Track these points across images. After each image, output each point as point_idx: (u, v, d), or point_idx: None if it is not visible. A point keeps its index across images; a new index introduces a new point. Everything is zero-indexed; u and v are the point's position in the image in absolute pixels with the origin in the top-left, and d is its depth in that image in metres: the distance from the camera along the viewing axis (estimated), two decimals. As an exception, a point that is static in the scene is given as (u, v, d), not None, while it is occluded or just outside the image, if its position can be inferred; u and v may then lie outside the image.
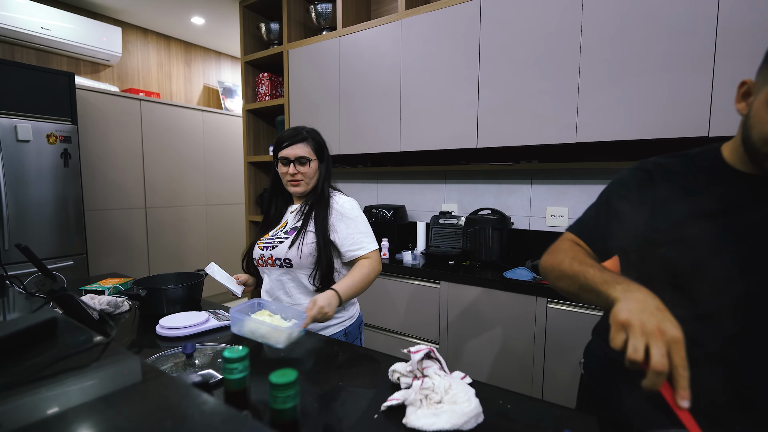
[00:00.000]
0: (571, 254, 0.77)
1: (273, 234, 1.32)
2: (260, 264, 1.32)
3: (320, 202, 1.28)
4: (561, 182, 2.08)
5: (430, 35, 2.07)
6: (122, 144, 3.26)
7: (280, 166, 1.29)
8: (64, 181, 2.66)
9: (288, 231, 1.28)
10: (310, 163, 1.27)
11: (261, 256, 1.30)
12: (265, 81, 2.91)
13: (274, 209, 1.39)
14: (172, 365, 0.88)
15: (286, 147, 1.26)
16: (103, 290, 1.48)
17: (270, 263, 1.28)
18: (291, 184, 1.28)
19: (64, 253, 2.67)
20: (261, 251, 1.30)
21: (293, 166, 1.26)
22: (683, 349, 0.52)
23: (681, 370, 0.51)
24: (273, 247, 1.27)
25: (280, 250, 1.25)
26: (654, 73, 1.54)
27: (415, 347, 0.83)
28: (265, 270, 1.33)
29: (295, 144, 1.27)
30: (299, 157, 1.26)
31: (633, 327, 0.53)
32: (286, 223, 1.33)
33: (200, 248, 3.87)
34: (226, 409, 0.44)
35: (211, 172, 3.94)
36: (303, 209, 1.30)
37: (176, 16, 3.49)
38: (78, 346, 0.61)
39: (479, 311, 1.85)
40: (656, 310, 0.55)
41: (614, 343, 0.55)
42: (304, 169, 1.27)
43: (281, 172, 1.29)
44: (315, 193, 1.31)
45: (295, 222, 1.29)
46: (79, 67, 3.33)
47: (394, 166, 2.59)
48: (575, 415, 0.77)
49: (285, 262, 1.24)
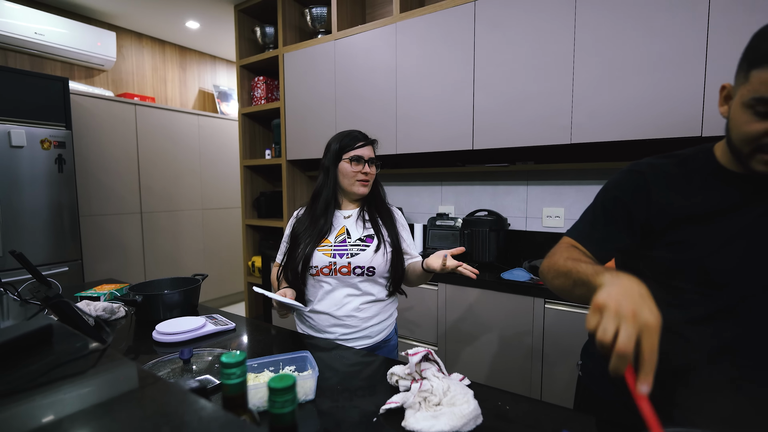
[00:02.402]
0: (566, 254, 0.77)
1: (338, 240, 1.25)
2: (323, 273, 1.22)
3: (383, 210, 1.33)
4: (557, 183, 2.10)
5: (425, 38, 2.08)
6: (117, 149, 3.25)
7: (350, 165, 1.25)
8: (59, 187, 2.64)
9: (363, 239, 1.26)
10: (377, 167, 1.31)
11: (330, 264, 1.22)
12: (260, 84, 2.91)
13: (331, 213, 1.29)
14: (169, 371, 0.87)
15: (360, 147, 1.27)
16: (98, 296, 1.47)
17: (345, 271, 1.22)
18: (361, 184, 1.27)
19: (59, 260, 2.65)
20: (330, 259, 1.22)
21: (367, 165, 1.27)
22: (655, 336, 0.51)
23: (648, 355, 0.50)
24: (352, 255, 1.22)
25: (363, 258, 1.22)
26: (647, 74, 1.55)
27: (413, 350, 0.83)
28: (327, 281, 1.24)
29: (368, 146, 1.29)
30: (372, 158, 1.28)
31: (608, 309, 0.53)
32: (345, 229, 1.28)
33: (197, 253, 3.85)
34: (225, 414, 0.43)
35: (208, 176, 3.93)
36: (365, 216, 1.30)
37: (171, 21, 3.49)
38: (74, 353, 0.61)
39: (477, 312, 1.86)
40: (638, 296, 0.54)
41: (588, 324, 0.54)
42: (373, 171, 1.29)
43: (351, 170, 1.25)
44: (376, 199, 1.34)
45: (364, 229, 1.28)
46: (74, 72, 3.32)
47: (390, 169, 2.59)
48: (573, 416, 0.77)
49: (369, 270, 1.23)
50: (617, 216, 0.81)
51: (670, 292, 0.77)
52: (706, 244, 0.72)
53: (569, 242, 0.84)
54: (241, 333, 1.22)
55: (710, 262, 0.72)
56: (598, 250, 0.82)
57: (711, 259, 0.72)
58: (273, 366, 0.87)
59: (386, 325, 1.30)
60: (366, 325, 1.25)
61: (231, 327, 1.22)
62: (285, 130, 2.71)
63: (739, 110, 0.66)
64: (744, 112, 0.65)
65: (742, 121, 0.65)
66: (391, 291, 1.30)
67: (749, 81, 0.64)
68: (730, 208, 0.71)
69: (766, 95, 0.61)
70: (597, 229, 0.83)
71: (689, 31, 1.47)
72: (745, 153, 0.66)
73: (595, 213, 0.85)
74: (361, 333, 1.24)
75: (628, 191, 0.80)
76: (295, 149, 2.68)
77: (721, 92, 0.72)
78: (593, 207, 0.86)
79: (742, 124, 0.65)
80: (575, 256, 0.75)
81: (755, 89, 0.62)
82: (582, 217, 0.87)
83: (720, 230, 0.72)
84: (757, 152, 0.64)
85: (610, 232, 0.82)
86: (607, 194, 0.84)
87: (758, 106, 0.62)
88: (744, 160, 0.67)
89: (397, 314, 1.39)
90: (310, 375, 0.82)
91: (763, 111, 0.62)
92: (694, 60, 1.47)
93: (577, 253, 0.77)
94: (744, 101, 0.64)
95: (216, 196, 4.02)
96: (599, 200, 0.85)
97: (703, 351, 0.74)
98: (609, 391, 0.88)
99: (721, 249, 0.71)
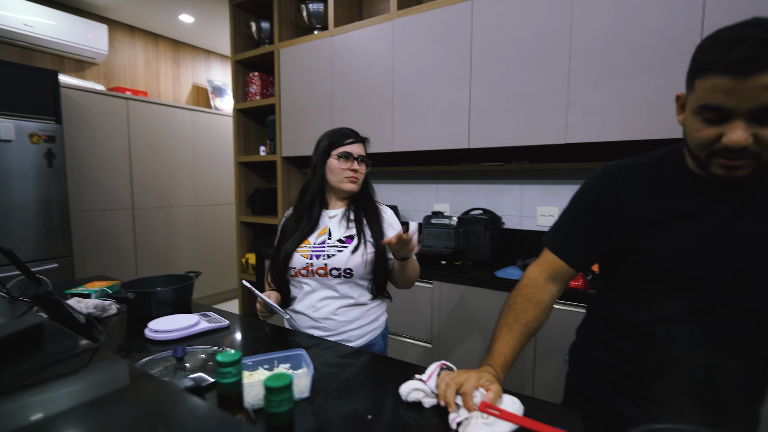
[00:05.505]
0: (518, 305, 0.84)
1: (318, 241, 1.23)
2: (301, 275, 1.22)
3: (370, 210, 1.29)
4: (551, 182, 2.11)
5: (422, 36, 2.07)
6: (109, 144, 3.20)
7: (338, 162, 1.23)
8: (48, 182, 2.59)
9: (343, 239, 1.23)
10: (367, 165, 1.28)
11: (307, 266, 1.21)
12: (255, 80, 2.89)
13: (315, 212, 1.28)
14: (162, 369, 0.86)
15: (350, 143, 1.25)
16: (89, 293, 1.45)
17: (321, 273, 1.21)
18: (349, 180, 1.24)
19: (49, 256, 2.61)
20: (307, 260, 1.21)
21: (356, 162, 1.25)
22: (468, 386, 0.72)
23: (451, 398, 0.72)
24: (329, 256, 1.20)
25: (339, 260, 1.19)
26: (642, 76, 1.56)
27: (426, 373, 0.81)
28: (307, 282, 1.23)
29: (358, 143, 1.27)
30: (361, 156, 1.26)
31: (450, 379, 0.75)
32: (327, 229, 1.26)
33: (190, 249, 3.82)
34: (221, 413, 0.43)
35: (201, 172, 3.89)
36: (350, 216, 1.27)
37: (164, 14, 3.44)
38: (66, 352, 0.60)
39: (471, 310, 1.86)
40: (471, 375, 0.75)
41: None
42: (362, 168, 1.27)
43: (339, 167, 1.23)
44: (362, 199, 1.30)
45: (346, 230, 1.25)
46: (64, 65, 3.26)
47: (386, 167, 2.59)
48: (561, 411, 0.78)
49: (346, 272, 1.21)
50: (590, 222, 0.83)
51: (645, 293, 0.79)
52: (675, 246, 0.74)
53: (545, 262, 0.88)
54: (234, 330, 1.21)
55: (679, 264, 0.74)
56: (575, 260, 0.85)
57: (680, 261, 0.74)
58: (267, 364, 0.86)
59: (368, 330, 1.26)
60: (345, 328, 1.22)
61: (225, 324, 1.21)
62: (280, 126, 2.69)
63: (690, 118, 0.68)
64: (694, 120, 0.67)
65: (694, 129, 0.67)
66: (375, 294, 1.27)
67: (695, 89, 0.66)
68: (698, 210, 0.73)
69: (710, 102, 0.63)
70: (571, 239, 0.86)
71: (684, 34, 1.48)
72: (702, 158, 0.68)
73: (569, 219, 0.87)
74: (339, 337, 1.21)
75: (601, 195, 0.82)
76: (290, 146, 2.66)
77: (677, 101, 0.74)
78: (568, 213, 0.88)
79: (694, 132, 0.67)
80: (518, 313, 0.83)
81: (700, 97, 0.64)
82: (558, 223, 0.89)
83: (688, 232, 0.73)
84: (712, 157, 0.66)
85: (584, 241, 0.84)
86: (581, 200, 0.86)
87: (705, 113, 0.64)
88: (703, 165, 0.69)
89: (386, 317, 1.35)
90: (305, 373, 0.81)
91: (711, 117, 0.64)
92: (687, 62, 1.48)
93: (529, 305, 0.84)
94: (693, 109, 0.66)
95: (210, 192, 3.98)
96: (574, 206, 0.87)
97: (677, 350, 0.76)
98: (594, 387, 0.89)
99: (688, 251, 0.73)
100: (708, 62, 0.63)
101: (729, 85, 0.60)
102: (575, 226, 0.85)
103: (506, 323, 0.84)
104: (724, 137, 0.63)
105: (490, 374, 0.75)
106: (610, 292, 0.87)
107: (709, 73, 0.62)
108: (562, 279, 0.87)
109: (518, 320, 0.83)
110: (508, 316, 0.84)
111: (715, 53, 0.62)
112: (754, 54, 0.57)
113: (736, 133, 0.61)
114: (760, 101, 0.59)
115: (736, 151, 0.62)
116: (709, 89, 0.63)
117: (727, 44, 0.60)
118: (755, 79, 0.58)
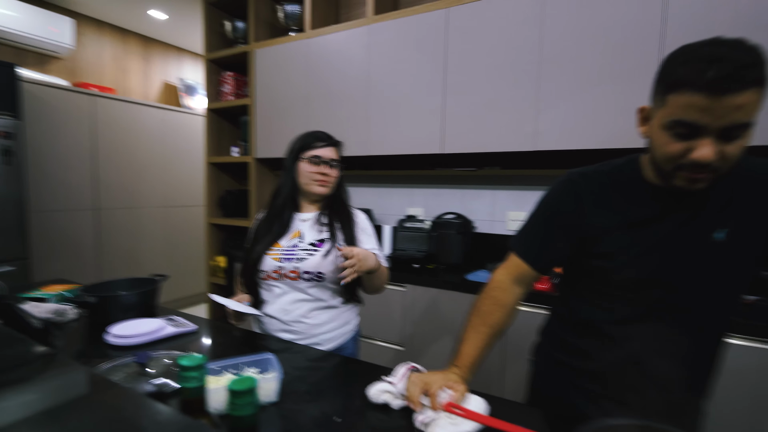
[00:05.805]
0: (485, 307, 0.88)
1: (290, 245, 1.23)
2: (272, 278, 1.22)
3: (343, 214, 1.28)
4: (522, 188, 2.17)
5: (398, 41, 2.10)
6: (74, 141, 3.06)
7: (307, 165, 1.23)
8: (6, 180, 2.46)
9: (315, 243, 1.22)
10: (338, 169, 1.27)
11: (278, 269, 1.20)
12: (229, 80, 2.84)
13: (287, 215, 1.27)
14: (124, 376, 0.84)
15: (321, 147, 1.24)
16: (46, 297, 1.38)
17: (293, 276, 1.20)
18: (318, 184, 1.23)
19: (4, 258, 2.47)
20: (278, 263, 1.21)
21: (327, 166, 1.24)
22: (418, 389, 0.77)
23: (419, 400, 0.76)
24: (300, 260, 1.20)
25: (310, 263, 1.19)
26: (608, 85, 1.64)
27: (395, 375, 0.82)
28: (278, 285, 1.22)
29: (330, 146, 1.26)
30: (333, 159, 1.25)
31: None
32: (300, 233, 1.25)
33: (157, 252, 3.70)
34: (183, 418, 0.43)
35: (171, 172, 3.78)
36: (323, 220, 1.26)
37: (133, 9, 3.33)
38: (19, 359, 0.57)
39: (443, 313, 1.89)
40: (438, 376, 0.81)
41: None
42: (334, 172, 1.26)
43: (308, 170, 1.23)
44: (335, 203, 1.29)
45: (318, 233, 1.24)
46: (25, 58, 3.10)
47: (361, 170, 2.59)
48: (525, 410, 0.81)
49: (317, 275, 1.20)
50: (553, 228, 0.86)
51: (601, 296, 0.83)
52: (629, 253, 0.78)
53: (511, 266, 0.90)
54: (202, 335, 1.18)
55: (632, 270, 0.78)
56: (540, 265, 0.89)
57: (633, 267, 0.78)
58: (235, 369, 0.85)
59: (339, 334, 1.26)
60: (316, 331, 1.21)
61: (192, 329, 1.18)
62: (254, 127, 2.65)
63: (658, 132, 0.70)
64: (663, 134, 0.68)
65: (663, 142, 0.69)
66: (346, 298, 1.27)
67: (666, 104, 0.67)
68: (652, 219, 0.77)
69: (683, 118, 0.64)
70: (535, 245, 0.89)
71: (646, 44, 1.56)
72: (667, 171, 0.70)
73: (534, 225, 0.90)
74: (310, 340, 1.20)
75: (563, 202, 0.85)
76: (264, 147, 2.63)
77: (640, 114, 0.77)
78: (532, 218, 0.91)
79: (662, 145, 0.69)
80: (484, 315, 0.87)
81: (673, 112, 0.66)
82: (523, 228, 0.92)
83: (641, 240, 0.77)
84: (678, 170, 0.68)
85: (548, 245, 0.87)
86: (545, 207, 0.89)
87: (677, 128, 0.66)
88: (666, 177, 0.72)
89: (359, 320, 1.35)
90: (273, 377, 0.81)
91: (682, 132, 0.65)
92: (651, 71, 1.56)
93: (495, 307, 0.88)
94: (663, 123, 0.68)
95: (179, 193, 3.87)
96: (539, 212, 0.90)
97: (629, 351, 0.80)
98: (556, 386, 0.93)
99: (641, 257, 0.77)
100: (684, 79, 0.63)
101: (704, 103, 0.61)
102: (539, 231, 0.89)
103: (473, 325, 0.86)
104: (694, 153, 0.65)
105: (457, 375, 0.77)
106: (571, 294, 0.91)
107: (685, 89, 0.63)
108: (526, 282, 0.90)
109: (485, 322, 0.85)
110: (475, 318, 0.87)
111: (692, 70, 0.62)
112: (730, 74, 0.59)
113: (705, 149, 0.63)
114: (731, 120, 0.61)
115: (702, 166, 0.65)
116: (683, 105, 0.64)
117: (703, 62, 0.61)
118: (729, 99, 0.60)
